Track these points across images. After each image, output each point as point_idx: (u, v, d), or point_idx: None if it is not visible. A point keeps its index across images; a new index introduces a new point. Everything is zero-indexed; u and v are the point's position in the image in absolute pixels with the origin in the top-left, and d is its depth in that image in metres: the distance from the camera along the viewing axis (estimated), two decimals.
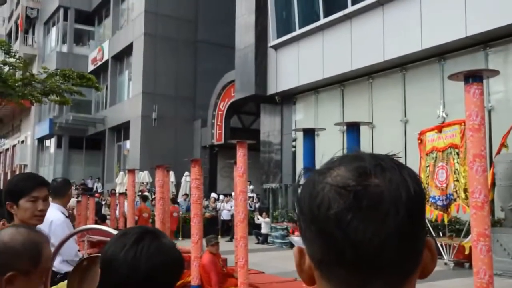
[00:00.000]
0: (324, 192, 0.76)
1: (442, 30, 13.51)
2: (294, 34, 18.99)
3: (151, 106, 28.86)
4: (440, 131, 11.71)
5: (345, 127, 7.20)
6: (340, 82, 17.79)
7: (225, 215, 19.47)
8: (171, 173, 18.26)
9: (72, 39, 37.94)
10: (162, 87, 29.17)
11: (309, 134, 6.62)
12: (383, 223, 0.73)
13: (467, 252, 10.00)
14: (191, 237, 8.25)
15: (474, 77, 6.98)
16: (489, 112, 13.02)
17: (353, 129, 6.37)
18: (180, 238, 17.39)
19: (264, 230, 17.39)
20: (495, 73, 8.92)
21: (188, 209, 17.55)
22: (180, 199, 21.24)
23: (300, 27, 18.71)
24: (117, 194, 18.23)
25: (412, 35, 14.32)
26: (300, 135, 15.40)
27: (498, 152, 11.02)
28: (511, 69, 13.12)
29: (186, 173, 19.81)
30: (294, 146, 19.65)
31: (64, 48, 37.76)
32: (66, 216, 4.66)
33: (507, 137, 10.96)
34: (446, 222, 11.45)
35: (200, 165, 8.53)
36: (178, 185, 23.19)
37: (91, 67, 36.32)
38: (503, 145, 11.02)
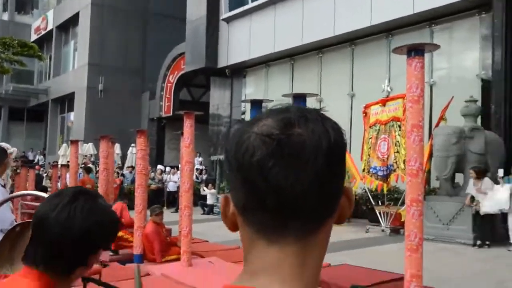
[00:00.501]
0: (249, 141, 0.77)
1: (391, 7, 13.97)
2: (246, 7, 19.06)
3: (97, 77, 28.26)
4: (384, 105, 12.20)
5: (292, 99, 7.43)
6: (290, 56, 18.08)
7: (171, 187, 19.50)
8: (117, 145, 18.10)
9: (13, 7, 36.51)
10: (110, 58, 28.60)
11: (257, 105, 6.79)
12: (304, 170, 0.75)
13: (403, 219, 10.59)
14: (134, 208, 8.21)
15: (416, 51, 7.37)
16: (431, 87, 13.68)
17: (299, 100, 6.58)
18: None
19: (209, 201, 17.61)
20: (436, 47, 9.40)
21: (133, 181, 17.51)
22: (125, 171, 21.11)
23: (252, 1, 18.79)
24: (59, 166, 17.88)
25: (362, 11, 14.73)
26: (249, 108, 15.62)
27: (437, 125, 11.66)
28: (455, 46, 13.80)
29: (132, 145, 19.69)
30: (243, 119, 19.82)
31: (5, 16, 36.32)
32: (2, 185, 4.63)
33: (446, 110, 11.60)
34: (385, 192, 12.05)
35: (146, 136, 8.50)
36: (124, 157, 23.00)
37: (34, 37, 35.08)
38: (442, 118, 11.65)
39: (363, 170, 12.26)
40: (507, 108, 11.36)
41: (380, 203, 12.38)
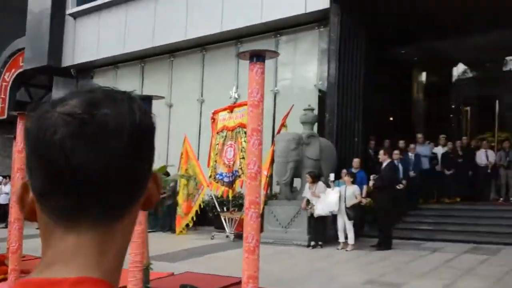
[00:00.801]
0: (51, 120, 0.74)
1: (241, 15, 14.64)
2: (95, 3, 18.44)
3: None
4: (231, 111, 12.79)
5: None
6: (141, 58, 17.94)
7: (2, 199, 17.98)
8: None
9: None
10: None
11: None
12: (106, 151, 0.72)
13: None
14: None
15: (257, 57, 7.90)
16: (275, 95, 14.68)
17: (145, 103, 6.61)
18: None
19: None
20: (275, 54, 10.12)
21: None
22: None
23: None
24: None
25: (214, 17, 15.20)
26: None
27: (279, 132, 12.58)
28: (298, 57, 14.93)
29: None
30: None
31: None
32: None
33: (286, 118, 12.57)
34: (231, 198, 12.63)
35: None
36: None
37: None
38: (283, 125, 12.61)
39: (210, 177, 12.69)
40: (339, 117, 12.61)
41: (225, 210, 12.85)
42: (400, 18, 13.13)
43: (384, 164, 10.69)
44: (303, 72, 15.02)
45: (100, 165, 0.72)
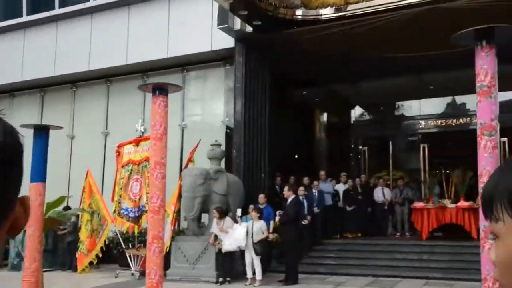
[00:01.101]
0: None
1: (147, 48, 14.61)
2: None
3: None
4: (137, 145, 12.58)
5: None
6: (41, 87, 17.16)
7: None
8: None
9: None
10: None
11: None
12: None
13: None
14: None
15: (160, 90, 7.86)
16: (183, 130, 14.68)
17: (41, 133, 6.19)
18: None
19: None
20: (178, 88, 10.17)
21: None
22: None
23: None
24: None
25: (119, 48, 15.01)
26: None
27: (186, 166, 12.54)
28: (207, 93, 15.12)
29: None
30: None
31: None
32: None
33: (193, 153, 12.59)
34: (136, 234, 12.27)
35: None
36: None
37: None
38: (190, 160, 12.59)
39: (114, 212, 12.28)
40: (246, 154, 12.87)
41: (131, 246, 12.50)
42: (301, 61, 13.87)
43: (289, 200, 11.05)
44: (210, 108, 15.21)
45: None
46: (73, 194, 13.16)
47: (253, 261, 10.53)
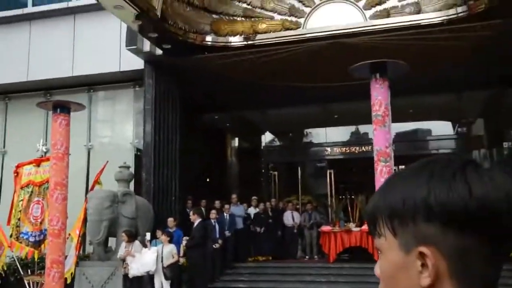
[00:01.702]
0: None
1: (50, 65, 14.06)
2: None
3: None
4: (38, 165, 11.97)
5: None
6: None
7: None
8: None
9: None
10: None
11: None
12: None
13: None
14: None
15: (62, 108, 7.66)
16: (89, 151, 14.24)
17: None
18: None
19: None
20: (81, 107, 9.95)
21: None
22: None
23: None
24: None
25: (19, 64, 14.34)
26: None
27: (92, 189, 12.14)
28: (116, 114, 14.82)
29: None
30: None
31: None
32: None
33: (100, 174, 12.24)
34: (36, 259, 11.55)
35: None
36: None
37: None
38: (96, 182, 12.23)
39: (11, 236, 11.51)
40: (156, 176, 12.72)
41: (30, 272, 11.75)
42: (211, 86, 14.13)
43: (195, 224, 11.10)
44: (119, 129, 14.91)
45: None
46: None
47: (162, 286, 10.37)
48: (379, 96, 8.93)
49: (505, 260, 0.94)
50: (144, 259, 10.47)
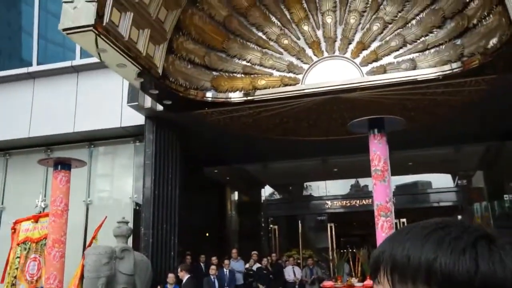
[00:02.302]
0: None
1: (52, 121, 14.23)
2: None
3: None
4: (36, 221, 11.88)
5: None
6: None
7: None
8: None
9: None
10: None
11: None
12: None
13: None
14: None
15: (63, 165, 7.66)
16: (88, 206, 14.16)
17: None
18: None
19: None
20: (82, 163, 9.96)
21: None
22: None
23: None
24: None
25: (22, 121, 14.49)
26: None
27: (90, 245, 11.97)
28: (116, 169, 14.84)
29: None
30: None
31: None
32: None
33: (98, 230, 12.10)
34: None
35: None
36: None
37: None
38: (94, 237, 12.08)
39: None
40: (154, 231, 12.60)
41: None
42: (211, 140, 14.24)
43: (184, 281, 10.88)
44: (119, 184, 14.88)
45: None
46: None
47: None
48: (378, 151, 8.99)
49: None
50: None
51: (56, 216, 6.48)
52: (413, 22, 11.26)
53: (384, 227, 8.58)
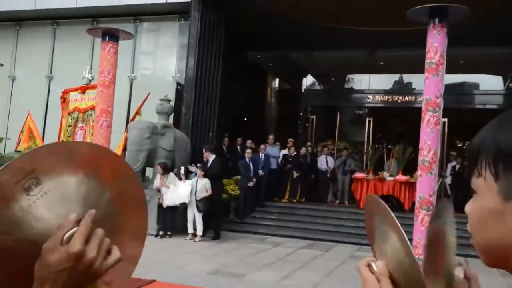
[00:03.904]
0: None
1: None
2: None
3: None
4: (83, 92, 12.28)
5: None
6: None
7: None
8: None
9: None
10: None
11: None
12: None
13: None
14: None
15: (110, 36, 7.66)
16: (132, 81, 14.46)
17: None
18: None
19: None
20: (130, 35, 9.94)
21: None
22: None
23: None
24: None
25: None
26: None
27: (133, 119, 12.42)
28: (159, 47, 14.86)
29: None
30: None
31: None
32: None
33: (142, 106, 12.47)
34: None
35: None
36: None
37: None
38: (137, 113, 12.48)
39: None
40: (195, 111, 12.88)
41: None
42: (257, 23, 13.83)
43: (210, 161, 11.11)
44: (162, 62, 15.00)
45: None
46: (10, 137, 12.73)
47: (195, 217, 10.74)
48: (436, 42, 8.50)
49: None
50: (179, 191, 10.78)
51: (103, 87, 6.65)
52: None
53: (430, 123, 8.38)
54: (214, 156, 11.23)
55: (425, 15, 8.67)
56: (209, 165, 11.35)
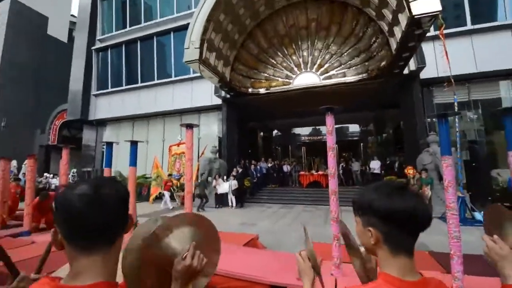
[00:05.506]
0: (69, 197, 0.66)
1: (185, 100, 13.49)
2: (107, 90, 15.92)
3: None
4: (178, 146, 11.94)
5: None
6: (162, 115, 15.00)
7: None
8: (14, 161, 13.16)
9: None
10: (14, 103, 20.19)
11: (110, 146, 5.48)
12: (108, 210, 0.67)
13: None
14: None
15: (189, 125, 7.05)
16: (199, 139, 13.55)
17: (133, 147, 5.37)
18: None
19: None
20: (196, 125, 9.55)
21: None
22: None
23: (112, 87, 15.93)
24: None
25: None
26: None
27: (201, 155, 11.82)
28: (210, 124, 14.11)
29: (26, 162, 14.08)
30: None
31: None
32: None
33: (204, 150, 11.81)
34: (178, 185, 11.44)
35: (35, 158, 6.13)
36: (19, 170, 16.27)
37: None
38: (203, 153, 11.76)
39: (169, 175, 11.54)
40: (227, 153, 12.07)
41: (175, 191, 11.43)
42: (253, 111, 13.45)
43: (235, 171, 10.57)
44: (212, 130, 13.63)
45: (105, 219, 0.66)
46: (148, 173, 12.28)
47: (232, 200, 10.30)
48: (329, 121, 8.23)
49: (417, 235, 0.88)
50: (224, 186, 10.39)
51: (188, 154, 6.12)
52: (345, 54, 10.27)
53: (329, 148, 8.00)
54: (238, 169, 10.85)
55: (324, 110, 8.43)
56: (235, 174, 11.06)
